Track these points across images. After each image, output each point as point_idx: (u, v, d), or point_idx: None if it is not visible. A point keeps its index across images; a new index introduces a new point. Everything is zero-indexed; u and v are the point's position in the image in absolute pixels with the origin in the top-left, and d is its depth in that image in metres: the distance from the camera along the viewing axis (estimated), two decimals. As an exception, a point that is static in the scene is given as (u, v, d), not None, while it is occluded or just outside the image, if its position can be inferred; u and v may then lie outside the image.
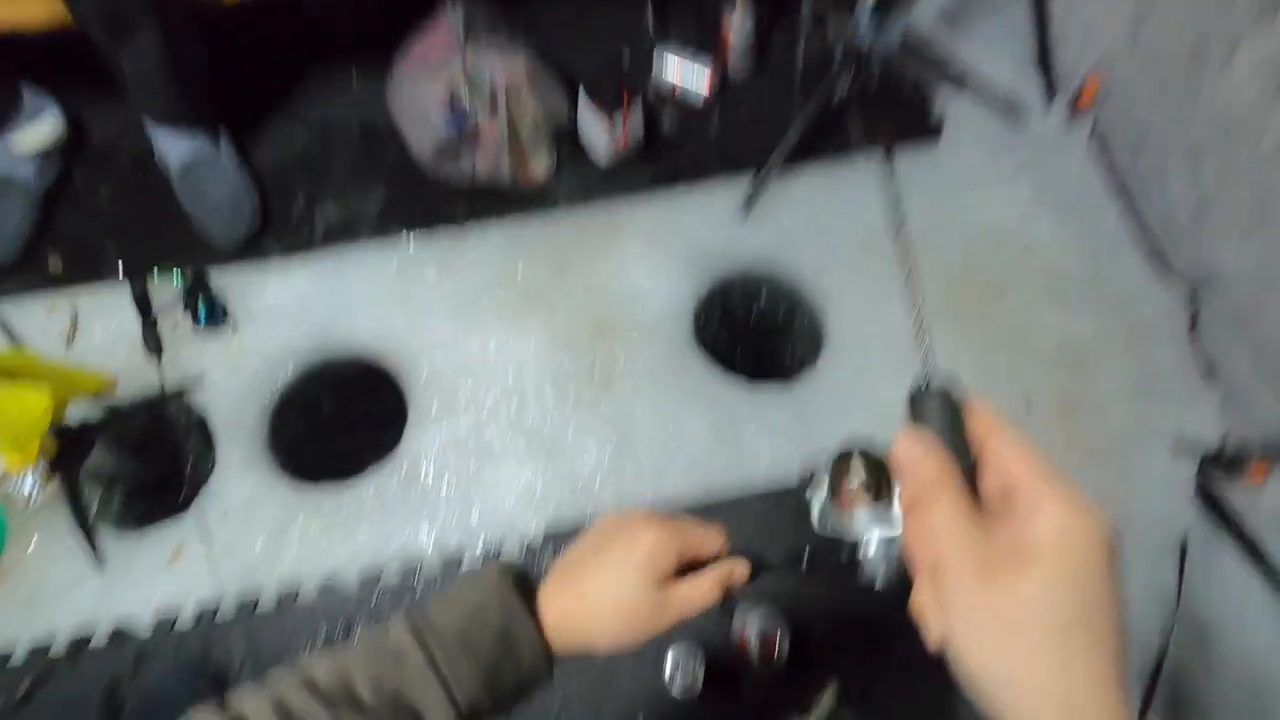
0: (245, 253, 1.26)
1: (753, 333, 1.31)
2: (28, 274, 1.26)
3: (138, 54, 1.06)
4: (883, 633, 1.07)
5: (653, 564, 0.47)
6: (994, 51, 1.33)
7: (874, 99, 1.27)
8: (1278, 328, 0.97)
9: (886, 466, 0.45)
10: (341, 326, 1.25)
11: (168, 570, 1.11)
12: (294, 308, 1.25)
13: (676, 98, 1.32)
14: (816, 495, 0.48)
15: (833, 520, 0.47)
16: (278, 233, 1.28)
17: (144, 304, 1.21)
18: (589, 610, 0.47)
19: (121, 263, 1.25)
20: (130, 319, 1.21)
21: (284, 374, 1.23)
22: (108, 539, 1.12)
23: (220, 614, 1.08)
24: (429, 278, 1.27)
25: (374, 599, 1.10)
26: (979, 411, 0.36)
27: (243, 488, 1.16)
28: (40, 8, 1.05)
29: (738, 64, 1.32)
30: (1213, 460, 1.11)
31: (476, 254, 1.28)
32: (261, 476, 1.17)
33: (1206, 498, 1.12)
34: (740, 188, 1.26)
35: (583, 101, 1.21)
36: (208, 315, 1.20)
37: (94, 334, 1.23)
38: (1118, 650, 0.31)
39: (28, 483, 1.12)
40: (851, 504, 0.46)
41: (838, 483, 0.47)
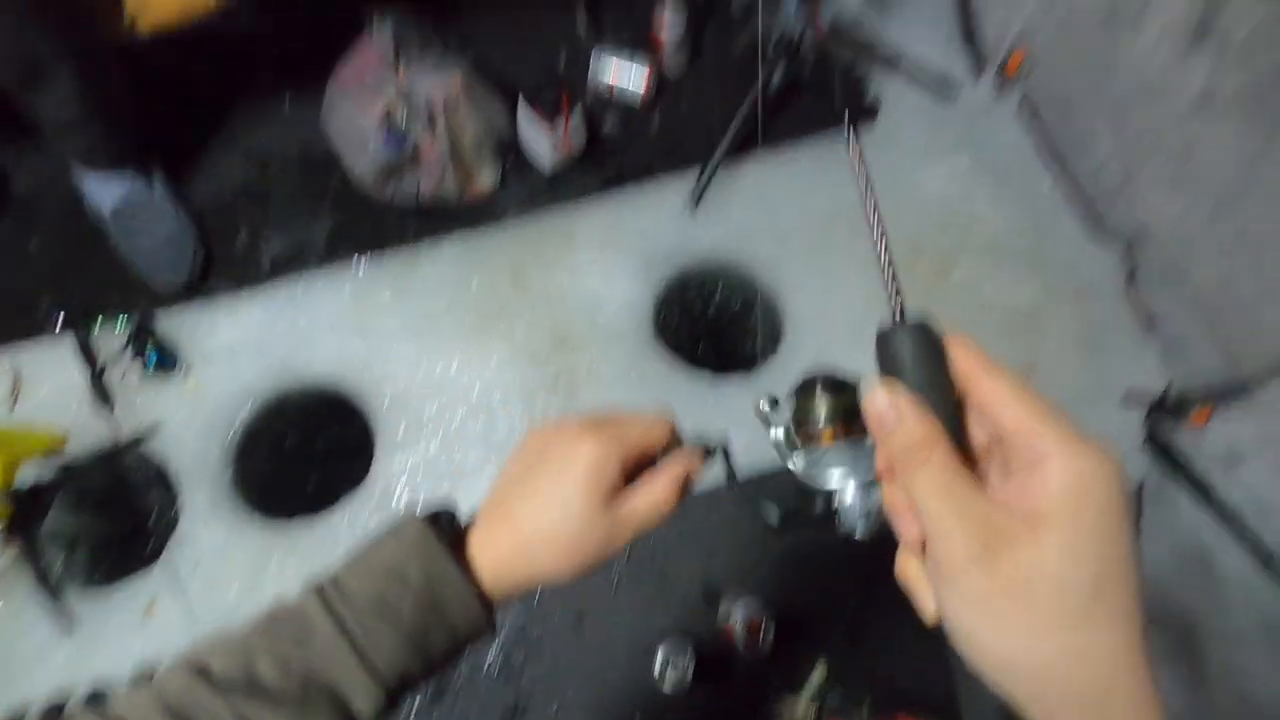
0: (191, 292, 1.23)
1: (713, 326, 1.33)
2: (-39, 335, 1.21)
3: (56, 100, 1.02)
4: (869, 602, 1.10)
5: (595, 478, 0.41)
6: (921, 30, 1.36)
7: (810, 86, 1.28)
8: (1207, 278, 1.02)
9: (857, 393, 0.39)
10: (299, 358, 1.23)
11: (142, 626, 1.08)
12: (248, 343, 1.23)
13: (615, 98, 1.32)
14: (778, 433, 0.42)
15: (799, 463, 0.42)
16: (223, 269, 1.26)
17: (88, 355, 1.18)
18: (528, 544, 0.41)
19: (60, 315, 1.21)
20: (76, 372, 1.18)
21: (244, 412, 1.21)
22: (77, 600, 1.10)
23: (201, 663, 1.06)
24: (384, 300, 1.26)
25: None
26: (962, 349, 0.31)
27: (212, 533, 1.14)
28: (-55, 59, 1.01)
29: (673, 61, 1.33)
30: (1158, 408, 1.16)
31: (430, 272, 1.27)
32: (230, 519, 1.15)
33: (1156, 444, 1.17)
34: (686, 183, 1.27)
35: (522, 110, 1.20)
36: (157, 360, 1.17)
37: (39, 391, 1.19)
38: (1140, 616, 0.27)
39: (-15, 551, 1.08)
40: (818, 442, 0.41)
41: (803, 419, 0.41)
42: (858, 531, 0.41)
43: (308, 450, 1.25)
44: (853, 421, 0.40)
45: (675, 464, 0.44)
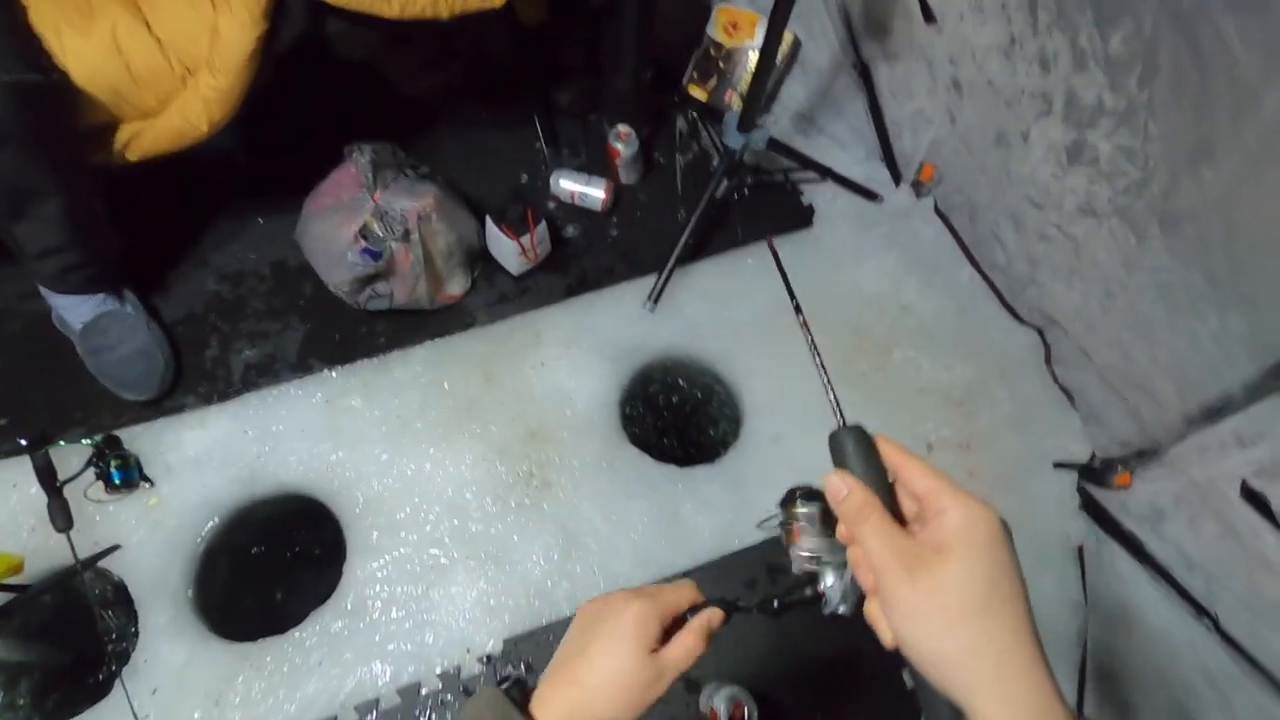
0: (160, 406, 1.23)
1: (676, 416, 1.40)
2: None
3: (38, 229, 1.05)
4: (845, 684, 1.13)
5: (641, 636, 0.50)
6: (846, 145, 1.54)
7: (752, 195, 1.43)
8: (1110, 356, 1.15)
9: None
10: (268, 467, 1.23)
11: (93, 763, 1.01)
12: (216, 455, 1.23)
13: (577, 204, 1.44)
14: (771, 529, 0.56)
15: (792, 556, 0.54)
16: (193, 382, 1.27)
17: (48, 476, 1.15)
18: (591, 695, 0.49)
19: (21, 434, 1.18)
20: (35, 491, 1.14)
21: (209, 526, 1.19)
22: (18, 741, 1.02)
23: (159, 801, 1.00)
24: (356, 405, 1.28)
25: (331, 750, 1.05)
26: (888, 445, 0.45)
27: (172, 656, 1.09)
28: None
29: (627, 175, 1.46)
30: (1087, 474, 1.27)
31: (402, 376, 1.31)
32: (192, 641, 1.11)
33: (1090, 507, 1.27)
34: (645, 284, 1.37)
35: (490, 225, 1.30)
36: (121, 477, 1.15)
37: (-7, 514, 1.16)
38: (1027, 612, 0.39)
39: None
40: (801, 538, 0.53)
41: (788, 523, 0.54)
42: (842, 609, 0.52)
43: (276, 562, 1.23)
44: (829, 521, 0.53)
45: (701, 619, 0.54)
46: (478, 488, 1.23)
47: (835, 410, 0.48)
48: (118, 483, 1.15)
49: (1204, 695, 1.02)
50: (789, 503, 0.55)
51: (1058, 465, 1.31)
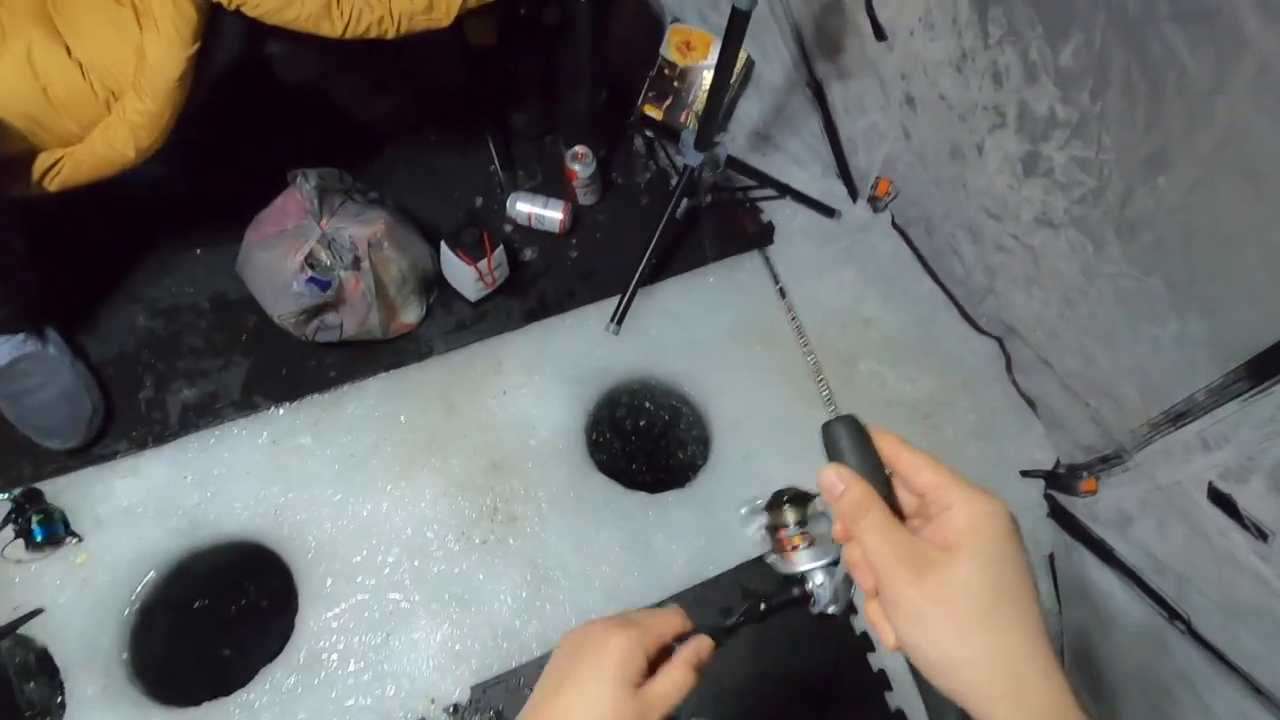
0: (87, 454, 1.14)
1: (644, 439, 1.36)
2: None
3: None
4: (830, 710, 1.10)
5: (625, 669, 0.45)
6: (803, 162, 1.55)
7: (712, 213, 1.42)
8: (1071, 364, 1.16)
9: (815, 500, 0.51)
10: (210, 514, 1.15)
11: None
12: (151, 504, 1.14)
13: (535, 230, 1.40)
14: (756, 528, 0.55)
15: (778, 560, 0.52)
16: (125, 426, 1.18)
17: (-41, 535, 1.05)
18: None
19: (-74, 492, 1.08)
20: (-58, 556, 1.04)
21: (146, 580, 1.10)
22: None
23: None
24: (306, 444, 1.21)
25: (285, 822, 0.97)
26: (883, 435, 0.42)
27: (105, 728, 1.00)
28: None
29: (585, 196, 1.43)
30: (1052, 481, 1.28)
31: (355, 411, 1.25)
32: (126, 712, 1.02)
33: (1058, 514, 1.28)
34: (607, 306, 1.34)
35: (445, 251, 1.25)
36: (44, 533, 1.06)
37: (-108, 582, 1.04)
38: (1040, 615, 0.36)
39: None
40: (790, 542, 0.52)
41: (774, 528, 0.52)
42: (832, 609, 0.50)
43: (221, 617, 1.14)
44: (816, 522, 0.52)
45: (689, 649, 0.50)
46: (439, 525, 1.17)
47: (825, 398, 0.48)
48: (40, 540, 1.06)
49: (1182, 698, 1.02)
50: (775, 507, 0.53)
51: (1024, 474, 1.32)
